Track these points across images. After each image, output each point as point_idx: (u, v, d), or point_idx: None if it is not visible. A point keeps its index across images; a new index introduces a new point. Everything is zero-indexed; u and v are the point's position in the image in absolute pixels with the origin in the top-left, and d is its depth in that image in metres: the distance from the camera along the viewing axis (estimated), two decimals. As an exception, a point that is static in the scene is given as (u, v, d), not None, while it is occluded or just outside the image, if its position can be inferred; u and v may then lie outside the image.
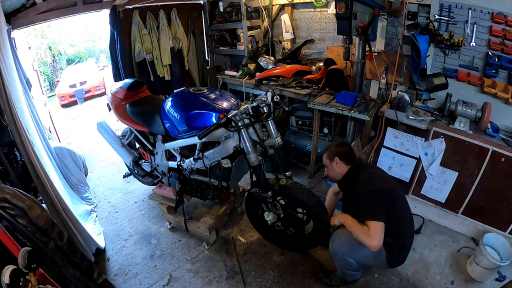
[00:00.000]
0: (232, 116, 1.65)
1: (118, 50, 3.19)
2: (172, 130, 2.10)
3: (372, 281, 1.99)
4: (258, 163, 1.79)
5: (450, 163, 2.18)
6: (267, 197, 1.89)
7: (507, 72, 2.09)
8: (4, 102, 1.76)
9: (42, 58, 10.34)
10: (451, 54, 2.28)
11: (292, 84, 3.04)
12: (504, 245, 1.98)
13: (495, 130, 2.07)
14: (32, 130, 2.20)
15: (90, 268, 1.77)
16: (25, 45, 3.27)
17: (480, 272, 1.93)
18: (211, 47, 4.05)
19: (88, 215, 2.55)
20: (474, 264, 1.94)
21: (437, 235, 2.35)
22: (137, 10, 3.18)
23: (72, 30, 11.70)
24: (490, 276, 1.93)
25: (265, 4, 3.56)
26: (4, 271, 0.98)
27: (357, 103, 2.50)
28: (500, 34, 2.02)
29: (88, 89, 8.38)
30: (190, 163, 2.08)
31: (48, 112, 3.61)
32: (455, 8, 2.12)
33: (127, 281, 2.11)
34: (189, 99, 2.01)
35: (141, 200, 3.01)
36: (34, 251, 1.08)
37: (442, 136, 2.14)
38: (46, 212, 1.57)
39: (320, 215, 1.89)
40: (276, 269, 2.11)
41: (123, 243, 2.45)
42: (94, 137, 4.03)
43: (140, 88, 2.57)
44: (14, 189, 1.50)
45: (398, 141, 2.38)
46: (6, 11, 2.40)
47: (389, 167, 2.51)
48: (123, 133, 2.79)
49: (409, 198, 2.51)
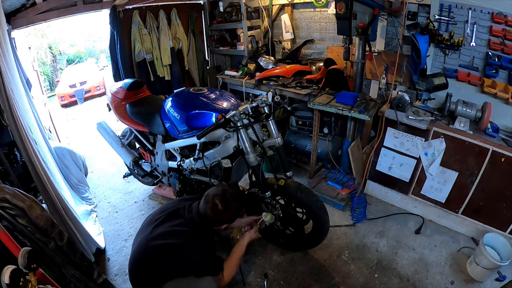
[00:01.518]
0: (230, 116, 1.65)
1: (118, 50, 3.19)
2: (172, 130, 2.10)
3: (372, 281, 1.99)
4: (257, 163, 1.79)
5: (450, 163, 2.18)
6: (265, 197, 1.89)
7: (507, 72, 2.09)
8: (4, 102, 1.76)
9: (42, 58, 10.33)
10: (451, 54, 2.28)
11: (292, 84, 3.04)
12: (504, 245, 1.98)
13: (495, 130, 2.07)
14: (35, 129, 2.20)
15: (90, 268, 1.77)
16: (25, 45, 3.27)
17: (480, 272, 1.93)
18: (211, 47, 4.05)
19: (88, 215, 2.55)
20: (474, 264, 1.95)
21: (437, 235, 2.35)
22: (137, 10, 3.18)
23: (72, 30, 11.70)
24: (490, 276, 1.94)
25: (265, 4, 3.55)
26: (4, 271, 0.98)
27: (357, 103, 2.50)
28: (500, 34, 2.02)
29: (88, 89, 8.37)
30: (190, 163, 2.08)
31: (48, 112, 3.61)
32: (455, 8, 2.12)
33: (127, 281, 2.10)
34: (189, 99, 2.01)
35: (141, 200, 3.01)
36: (34, 251, 1.08)
37: (442, 136, 2.14)
38: (46, 212, 1.57)
39: (319, 214, 1.89)
40: (276, 269, 2.11)
41: (123, 243, 2.45)
42: (94, 137, 4.03)
43: (140, 88, 2.57)
44: (14, 189, 1.50)
45: (398, 141, 2.38)
46: (6, 11, 2.40)
47: (389, 167, 2.52)
48: (123, 133, 2.80)
49: (409, 198, 2.53)
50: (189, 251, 1.48)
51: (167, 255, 1.46)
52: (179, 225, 1.55)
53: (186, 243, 1.49)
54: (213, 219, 1.56)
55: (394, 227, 2.45)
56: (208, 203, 1.55)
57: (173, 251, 1.47)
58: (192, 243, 1.50)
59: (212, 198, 1.55)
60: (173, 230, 1.52)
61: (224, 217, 1.58)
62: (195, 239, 1.52)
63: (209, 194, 1.58)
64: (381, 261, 2.14)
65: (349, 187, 2.72)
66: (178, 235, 1.50)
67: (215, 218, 1.56)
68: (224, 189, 1.59)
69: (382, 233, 2.39)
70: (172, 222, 1.56)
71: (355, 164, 2.77)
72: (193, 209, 1.60)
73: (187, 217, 1.58)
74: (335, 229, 2.43)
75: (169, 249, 1.47)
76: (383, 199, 2.74)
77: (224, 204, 1.54)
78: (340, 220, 2.53)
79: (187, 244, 1.49)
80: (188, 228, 1.55)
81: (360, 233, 2.39)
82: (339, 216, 2.58)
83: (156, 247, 1.47)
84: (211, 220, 1.57)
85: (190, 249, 1.49)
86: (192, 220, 1.57)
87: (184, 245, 1.49)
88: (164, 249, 1.46)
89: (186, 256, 1.47)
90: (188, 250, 1.48)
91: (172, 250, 1.47)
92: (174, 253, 1.47)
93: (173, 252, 1.47)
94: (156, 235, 1.50)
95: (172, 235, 1.50)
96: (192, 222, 1.57)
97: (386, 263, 2.12)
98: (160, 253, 1.46)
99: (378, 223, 2.49)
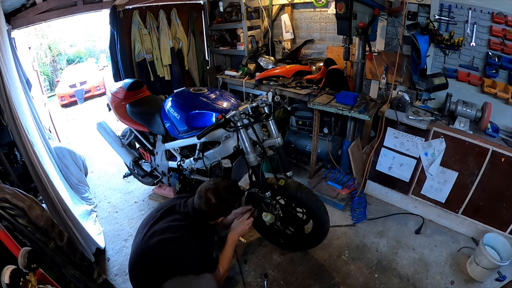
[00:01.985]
0: (230, 116, 1.65)
1: (118, 50, 3.19)
2: (172, 130, 2.10)
3: (372, 281, 1.99)
4: (257, 163, 1.79)
5: (450, 163, 2.18)
6: (265, 197, 1.89)
7: (507, 72, 2.09)
8: (4, 102, 1.76)
9: (42, 58, 10.34)
10: (451, 54, 2.28)
11: (292, 84, 3.04)
12: (504, 245, 1.98)
13: (495, 130, 2.07)
14: (33, 130, 2.20)
15: (90, 268, 1.77)
16: (25, 45, 3.27)
17: (480, 272, 1.93)
18: (211, 47, 4.05)
19: (88, 215, 2.55)
20: (474, 264, 1.95)
21: (437, 235, 2.35)
22: (137, 10, 3.18)
23: (72, 30, 11.71)
24: (490, 276, 1.94)
25: (265, 4, 3.56)
26: (4, 271, 0.98)
27: (357, 103, 2.50)
28: (500, 34, 2.02)
29: (88, 89, 8.38)
30: (190, 163, 2.08)
31: (48, 112, 3.61)
32: (455, 8, 2.12)
33: (127, 281, 2.10)
34: (189, 99, 2.01)
35: (141, 200, 3.01)
36: (34, 251, 1.08)
37: (442, 136, 2.14)
38: (46, 212, 1.57)
39: (319, 214, 1.89)
40: (276, 269, 2.11)
41: (123, 243, 2.45)
42: (94, 137, 4.03)
43: (140, 88, 2.57)
44: (14, 189, 1.50)
45: (398, 141, 2.38)
46: (6, 11, 2.40)
47: (389, 167, 2.52)
48: (123, 133, 2.80)
49: (409, 198, 2.52)
50: (186, 245, 1.48)
51: (165, 251, 1.46)
52: (175, 220, 1.55)
53: (183, 237, 1.49)
54: (208, 213, 1.56)
55: (394, 227, 2.45)
56: (201, 197, 1.55)
57: (170, 245, 1.47)
58: (188, 237, 1.50)
59: (205, 192, 1.55)
60: (169, 225, 1.53)
61: (219, 210, 1.58)
62: (192, 233, 1.52)
63: (202, 189, 1.58)
64: (381, 261, 2.14)
65: (349, 187, 2.72)
66: (174, 230, 1.50)
67: (210, 212, 1.56)
68: (216, 183, 1.59)
69: (382, 233, 2.39)
70: (169, 218, 1.56)
71: (355, 164, 2.77)
72: (188, 205, 1.60)
73: (183, 212, 1.59)
74: (335, 229, 2.43)
75: (166, 243, 1.47)
76: (383, 199, 2.74)
77: (217, 198, 1.54)
78: (340, 220, 2.53)
79: (184, 237, 1.49)
80: (184, 222, 1.55)
81: (360, 233, 2.39)
82: (339, 216, 2.58)
83: (153, 244, 1.47)
84: (206, 214, 1.57)
85: (186, 243, 1.48)
86: (188, 215, 1.57)
87: (181, 238, 1.48)
88: (161, 245, 1.46)
89: (183, 250, 1.47)
90: (185, 244, 1.48)
91: (169, 244, 1.47)
92: (171, 247, 1.47)
93: (170, 246, 1.47)
94: (153, 232, 1.50)
95: (168, 230, 1.50)
96: (188, 217, 1.57)
97: (386, 263, 2.12)
98: (157, 250, 1.47)
99: (378, 223, 2.49)
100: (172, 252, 1.47)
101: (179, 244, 1.47)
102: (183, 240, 1.49)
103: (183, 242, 1.48)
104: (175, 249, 1.47)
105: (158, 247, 1.46)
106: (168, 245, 1.47)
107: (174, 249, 1.47)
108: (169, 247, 1.47)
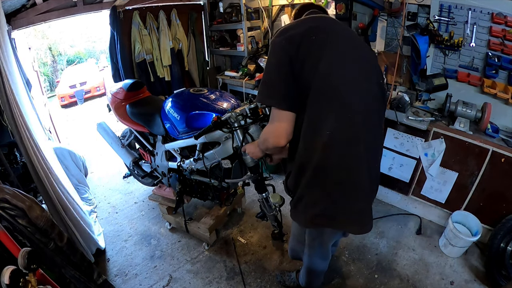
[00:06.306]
0: (226, 118, 1.64)
1: (118, 51, 3.18)
2: (172, 131, 2.10)
3: (372, 282, 1.99)
4: (254, 164, 1.79)
5: (450, 163, 2.18)
6: (263, 198, 1.89)
7: (507, 73, 2.09)
8: (4, 102, 1.76)
9: (42, 58, 10.36)
10: (451, 55, 2.28)
11: (292, 85, 3.03)
12: (466, 217, 2.18)
13: (495, 131, 2.07)
14: (37, 129, 2.20)
15: (90, 269, 1.77)
16: (25, 45, 3.27)
17: (458, 251, 2.11)
18: (211, 47, 4.05)
19: (88, 215, 2.55)
20: (450, 247, 2.12)
21: (437, 235, 2.35)
22: (137, 10, 3.18)
23: (72, 30, 11.73)
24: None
25: (265, 5, 3.55)
26: (4, 272, 0.98)
27: (357, 103, 2.50)
28: (500, 34, 2.02)
29: (88, 89, 8.39)
30: (190, 163, 2.08)
31: (48, 112, 3.61)
32: (455, 8, 2.12)
33: (127, 282, 2.11)
34: (189, 100, 2.01)
35: (141, 200, 3.01)
36: (34, 252, 1.08)
37: (442, 137, 2.15)
38: (46, 213, 1.57)
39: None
40: (276, 269, 2.11)
41: (123, 243, 2.45)
42: (94, 138, 4.03)
43: (140, 88, 2.57)
44: (14, 190, 1.50)
45: (398, 141, 2.38)
46: (6, 12, 2.40)
47: (389, 167, 2.51)
48: (123, 134, 2.79)
49: (409, 199, 2.52)
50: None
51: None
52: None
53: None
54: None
55: (394, 227, 2.45)
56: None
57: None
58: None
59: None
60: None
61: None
62: None
63: None
64: (381, 261, 2.14)
65: (349, 187, 2.71)
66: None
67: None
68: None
69: (382, 233, 2.39)
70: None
71: (355, 164, 2.76)
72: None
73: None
74: (335, 229, 2.43)
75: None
76: (383, 199, 2.74)
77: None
78: (340, 221, 2.53)
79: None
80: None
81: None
82: (339, 217, 2.58)
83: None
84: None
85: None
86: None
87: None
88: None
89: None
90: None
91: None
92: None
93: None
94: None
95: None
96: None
97: (386, 263, 2.12)
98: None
99: (378, 223, 2.49)
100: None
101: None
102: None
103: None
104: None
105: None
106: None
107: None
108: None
